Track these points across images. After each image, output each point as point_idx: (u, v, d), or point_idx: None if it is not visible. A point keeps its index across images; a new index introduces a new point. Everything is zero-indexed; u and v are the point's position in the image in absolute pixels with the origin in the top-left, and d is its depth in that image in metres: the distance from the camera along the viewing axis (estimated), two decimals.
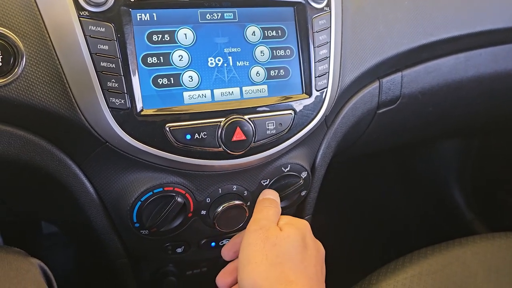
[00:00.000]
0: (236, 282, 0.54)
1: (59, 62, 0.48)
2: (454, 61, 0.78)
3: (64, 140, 0.51)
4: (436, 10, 0.71)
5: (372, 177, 1.39)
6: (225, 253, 0.55)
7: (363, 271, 0.82)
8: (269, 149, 0.55)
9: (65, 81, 0.48)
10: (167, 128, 0.49)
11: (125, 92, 0.48)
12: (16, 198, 0.63)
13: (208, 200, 0.57)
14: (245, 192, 0.58)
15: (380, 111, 0.73)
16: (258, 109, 0.53)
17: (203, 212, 0.57)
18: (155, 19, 0.50)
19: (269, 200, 0.55)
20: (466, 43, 0.77)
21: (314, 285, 0.47)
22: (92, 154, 0.52)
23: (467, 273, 0.80)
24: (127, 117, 0.48)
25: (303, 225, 0.52)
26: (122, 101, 0.48)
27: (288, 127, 0.55)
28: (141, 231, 0.55)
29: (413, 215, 1.39)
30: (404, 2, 0.69)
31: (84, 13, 0.46)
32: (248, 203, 0.59)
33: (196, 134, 0.50)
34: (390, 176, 1.41)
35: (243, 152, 0.52)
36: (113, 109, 0.48)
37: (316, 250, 0.51)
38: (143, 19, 0.49)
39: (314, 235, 0.54)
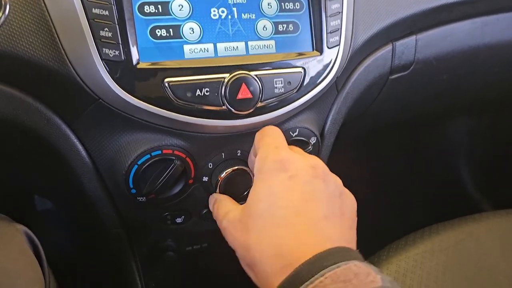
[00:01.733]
0: None
1: (46, 8, 0.43)
2: (470, 26, 0.73)
3: (52, 96, 0.47)
4: None
5: (377, 155, 1.35)
6: None
7: (369, 248, 0.79)
8: (277, 109, 0.50)
9: (53, 29, 0.43)
10: (166, 83, 0.45)
11: (120, 42, 0.43)
12: (7, 165, 0.59)
13: (210, 165, 0.52)
14: (251, 156, 0.54)
15: (393, 76, 0.68)
16: (265, 65, 0.49)
17: (205, 179, 0.53)
18: None
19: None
20: (483, 6, 0.72)
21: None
22: (83, 112, 0.48)
23: (482, 250, 0.76)
24: (122, 70, 0.44)
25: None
26: (117, 53, 0.43)
27: (298, 86, 0.51)
28: (138, 198, 0.51)
29: (418, 194, 1.35)
30: None
31: None
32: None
33: (198, 90, 0.46)
34: (396, 154, 1.37)
35: (248, 111, 0.48)
36: (106, 61, 0.43)
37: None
38: None
39: None
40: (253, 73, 0.48)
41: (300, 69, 0.50)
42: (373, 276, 0.35)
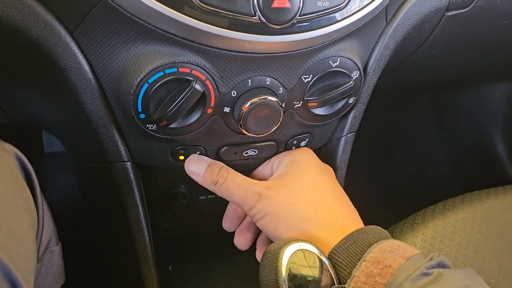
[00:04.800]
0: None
1: None
2: None
3: None
4: None
5: (408, 122, 1.26)
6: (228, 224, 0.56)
7: (401, 213, 0.71)
8: (317, 28, 0.41)
9: None
10: None
11: None
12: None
13: (233, 93, 0.44)
14: (281, 89, 0.46)
15: (450, 13, 0.59)
16: None
17: (226, 110, 0.45)
18: None
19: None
20: None
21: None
22: (87, 16, 0.39)
23: None
24: None
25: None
26: None
27: (345, 3, 0.42)
28: (147, 125, 0.43)
29: (448, 166, 1.26)
30: None
31: None
32: (283, 104, 0.46)
33: None
34: (427, 122, 1.27)
35: (284, 26, 0.39)
36: None
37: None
38: None
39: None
40: None
41: None
42: (413, 248, 0.41)
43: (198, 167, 0.48)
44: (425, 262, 0.37)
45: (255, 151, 0.51)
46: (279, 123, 0.46)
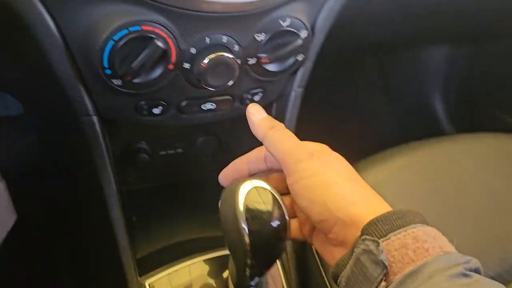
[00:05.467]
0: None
1: None
2: None
3: None
4: None
5: (354, 84, 1.33)
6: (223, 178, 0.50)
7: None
8: None
9: None
10: None
11: None
12: None
13: (193, 50, 0.48)
14: (236, 46, 0.50)
15: None
16: None
17: (186, 66, 0.49)
18: None
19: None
20: None
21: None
22: None
23: (457, 168, 0.78)
24: None
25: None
26: None
27: None
28: (112, 80, 0.47)
29: (393, 124, 1.36)
30: None
31: None
32: (238, 61, 0.51)
33: None
34: (373, 83, 1.35)
35: None
36: None
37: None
38: None
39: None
40: None
41: None
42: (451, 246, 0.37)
43: (260, 110, 0.47)
44: (463, 262, 0.35)
45: (213, 105, 0.55)
46: (235, 78, 0.51)
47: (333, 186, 0.40)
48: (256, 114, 0.46)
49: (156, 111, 0.53)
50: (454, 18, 0.93)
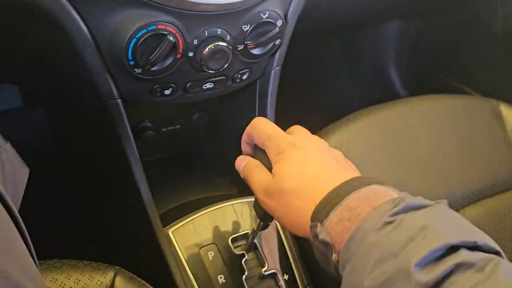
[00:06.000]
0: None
1: None
2: None
3: None
4: None
5: (321, 58, 1.48)
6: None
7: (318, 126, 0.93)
8: None
9: None
10: None
11: None
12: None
13: (195, 41, 0.61)
14: (228, 36, 0.63)
15: None
16: None
17: (191, 54, 0.62)
18: None
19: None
20: None
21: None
22: None
23: (409, 126, 0.93)
24: None
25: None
26: None
27: None
28: (135, 69, 0.59)
29: (354, 91, 1.52)
30: None
31: None
32: (230, 47, 0.64)
33: None
34: (337, 57, 1.51)
35: None
36: None
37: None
38: None
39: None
40: None
41: None
42: (390, 193, 0.40)
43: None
44: (389, 209, 0.37)
45: (212, 84, 0.69)
46: (229, 61, 0.64)
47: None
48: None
49: (167, 92, 0.66)
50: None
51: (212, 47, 0.62)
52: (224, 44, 0.62)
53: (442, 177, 0.88)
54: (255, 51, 0.68)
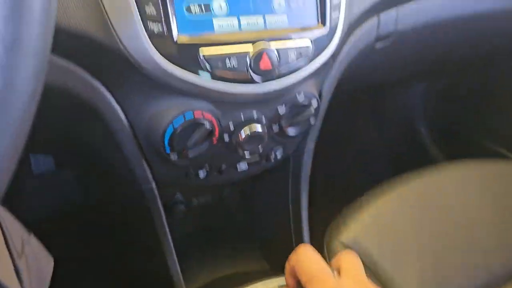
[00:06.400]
0: None
1: None
2: (441, 2, 0.84)
3: (98, 66, 0.53)
4: None
5: (349, 115, 1.47)
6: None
7: (347, 195, 0.90)
8: (290, 77, 0.58)
9: (102, 6, 0.49)
10: (201, 55, 0.52)
11: (162, 18, 0.49)
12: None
13: (231, 125, 0.60)
14: (263, 118, 0.62)
15: (376, 45, 0.78)
16: (281, 38, 0.56)
17: (226, 138, 0.61)
18: None
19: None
20: None
21: None
22: (126, 81, 0.54)
23: (446, 197, 0.90)
24: (165, 43, 0.50)
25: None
26: (160, 27, 0.49)
27: (307, 56, 0.59)
28: (171, 156, 0.58)
29: (384, 151, 1.49)
30: None
31: None
32: (266, 129, 0.63)
33: (227, 60, 0.53)
34: (365, 115, 1.49)
35: (269, 80, 0.56)
36: (151, 35, 0.49)
37: None
38: None
39: None
40: (272, 46, 0.55)
41: (309, 41, 0.59)
42: None
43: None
44: None
45: (246, 165, 0.67)
46: (264, 144, 0.63)
47: None
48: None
49: (201, 175, 0.65)
50: (433, 62, 1.08)
51: (249, 132, 0.61)
52: (260, 129, 0.61)
53: (482, 253, 0.84)
54: (290, 131, 0.67)
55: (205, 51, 0.52)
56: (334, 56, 0.69)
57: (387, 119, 1.50)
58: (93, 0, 0.49)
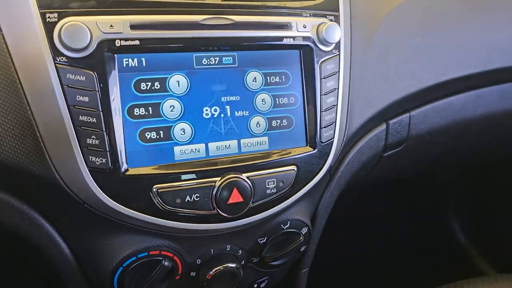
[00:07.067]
0: None
1: (32, 113, 0.41)
2: (464, 100, 0.73)
3: (35, 198, 0.45)
4: (449, 48, 0.66)
5: (373, 206, 1.35)
6: None
7: None
8: (268, 209, 0.49)
9: (38, 135, 0.41)
10: (155, 190, 0.43)
11: (107, 150, 0.42)
12: None
13: (198, 261, 0.51)
14: (240, 251, 0.52)
15: (386, 154, 0.68)
16: (257, 165, 0.47)
17: (192, 274, 0.51)
18: (144, 65, 0.44)
19: None
20: (476, 81, 0.72)
21: None
22: (67, 214, 0.46)
23: None
24: (109, 178, 0.42)
25: None
26: (104, 160, 0.42)
27: (290, 185, 0.49)
28: None
29: (412, 242, 1.35)
30: (415, 39, 0.64)
31: (62, 59, 0.40)
32: (243, 262, 0.53)
33: (188, 196, 0.44)
34: (391, 205, 1.36)
35: (239, 215, 0.47)
36: (92, 169, 0.41)
37: None
38: (130, 65, 0.43)
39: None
40: (245, 175, 0.46)
41: (293, 167, 0.49)
42: None
43: None
44: None
45: None
46: (238, 282, 0.53)
47: None
48: None
49: None
50: (454, 163, 0.96)
51: (221, 268, 0.51)
52: (233, 265, 0.51)
53: None
54: (275, 262, 0.56)
55: (159, 186, 0.43)
56: (330, 173, 0.59)
57: (415, 209, 1.37)
58: (27, 127, 0.41)
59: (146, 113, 0.44)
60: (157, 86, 0.44)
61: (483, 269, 1.27)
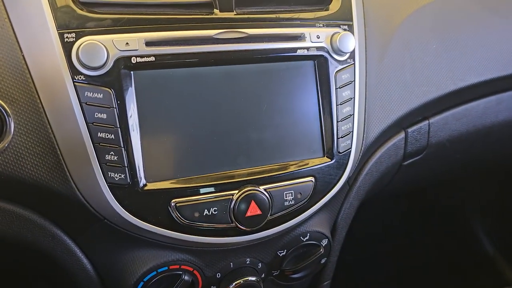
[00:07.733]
0: None
1: (52, 131, 0.42)
2: (484, 105, 0.72)
3: (57, 214, 0.46)
4: (467, 53, 0.65)
5: (394, 215, 1.33)
6: None
7: None
8: (286, 221, 0.49)
9: (59, 152, 0.42)
10: (173, 204, 0.43)
11: (126, 165, 0.42)
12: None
13: (218, 275, 0.51)
14: (260, 264, 0.52)
15: (406, 162, 0.67)
16: (274, 177, 0.47)
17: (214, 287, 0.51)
18: (160, 80, 0.44)
19: None
20: (497, 86, 0.71)
21: None
22: (88, 230, 0.46)
23: None
24: (128, 193, 0.42)
25: None
26: (122, 176, 0.42)
27: (308, 197, 0.49)
28: None
29: (434, 249, 1.32)
30: (432, 45, 0.63)
31: (80, 77, 0.41)
32: (263, 275, 0.53)
33: (206, 210, 0.44)
34: (412, 214, 1.34)
35: (258, 227, 0.46)
36: (112, 185, 0.42)
37: None
38: (146, 82, 0.44)
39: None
40: (262, 187, 0.46)
41: (310, 178, 0.49)
42: None
43: None
44: None
45: None
46: None
47: None
48: None
49: None
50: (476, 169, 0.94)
51: (241, 281, 0.51)
52: (254, 278, 0.51)
53: None
54: (295, 275, 0.56)
55: (178, 200, 0.44)
56: (348, 183, 0.58)
57: (437, 216, 1.34)
58: (48, 145, 0.42)
59: None
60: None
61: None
